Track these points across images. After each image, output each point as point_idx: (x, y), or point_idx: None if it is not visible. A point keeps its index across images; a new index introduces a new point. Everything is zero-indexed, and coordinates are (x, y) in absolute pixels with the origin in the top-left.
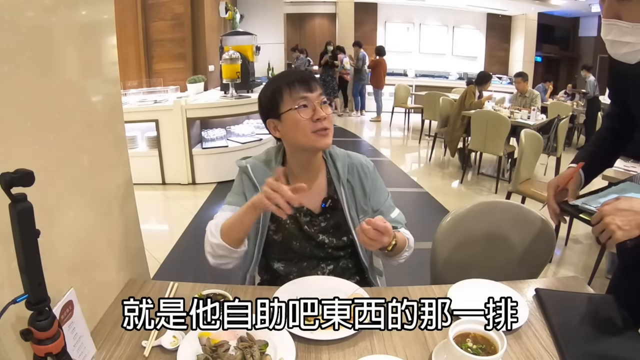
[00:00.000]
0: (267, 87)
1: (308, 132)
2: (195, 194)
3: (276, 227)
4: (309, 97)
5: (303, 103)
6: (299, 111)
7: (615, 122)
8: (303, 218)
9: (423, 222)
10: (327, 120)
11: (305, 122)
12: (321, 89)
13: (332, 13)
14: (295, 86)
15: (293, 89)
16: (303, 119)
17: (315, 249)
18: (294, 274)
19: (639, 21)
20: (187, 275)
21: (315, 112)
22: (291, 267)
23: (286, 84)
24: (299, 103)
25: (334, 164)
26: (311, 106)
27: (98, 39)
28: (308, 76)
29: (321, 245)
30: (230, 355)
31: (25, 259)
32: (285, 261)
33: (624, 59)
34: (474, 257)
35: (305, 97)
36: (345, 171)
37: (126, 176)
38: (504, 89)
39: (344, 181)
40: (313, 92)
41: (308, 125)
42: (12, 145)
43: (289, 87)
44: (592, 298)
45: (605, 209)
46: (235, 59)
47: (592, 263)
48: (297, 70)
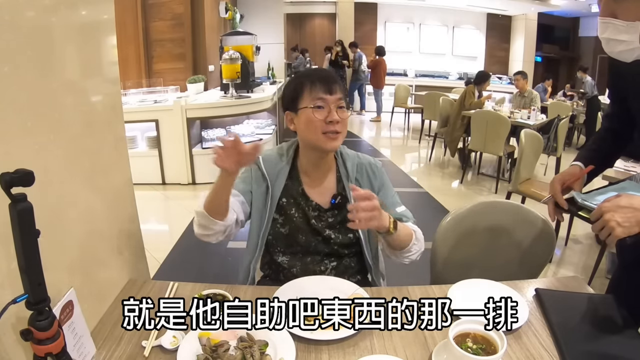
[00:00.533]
0: (293, 80)
1: (318, 132)
2: (195, 194)
3: (284, 219)
4: (327, 99)
5: (319, 104)
6: (314, 111)
7: (614, 123)
8: (312, 212)
9: (423, 222)
10: (341, 124)
11: (318, 122)
12: (343, 93)
13: (332, 13)
14: (317, 85)
15: (314, 88)
16: (316, 119)
17: (321, 244)
18: (297, 267)
19: (634, 20)
20: (187, 275)
21: (330, 114)
22: (295, 261)
23: (309, 81)
24: (315, 103)
25: (344, 163)
26: (327, 108)
27: (98, 39)
28: (332, 78)
29: (327, 240)
30: (230, 355)
31: (25, 259)
32: (290, 255)
33: (620, 57)
34: (474, 257)
35: (323, 99)
36: (354, 170)
37: (126, 176)
38: (504, 89)
39: (352, 180)
40: (332, 94)
41: (320, 126)
42: (12, 145)
43: (310, 86)
44: (592, 298)
45: (605, 205)
46: (235, 59)
47: (592, 263)
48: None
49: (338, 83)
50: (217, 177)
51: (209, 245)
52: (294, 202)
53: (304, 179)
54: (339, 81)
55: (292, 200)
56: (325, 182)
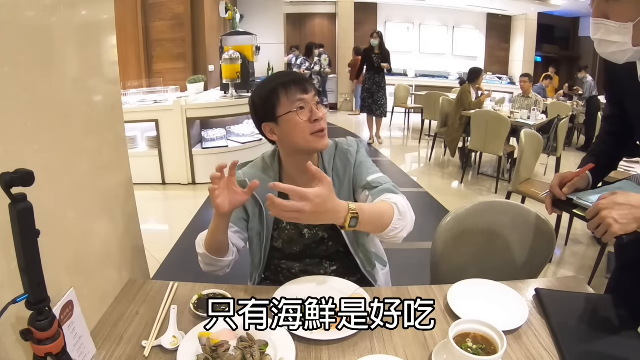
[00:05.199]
0: (261, 90)
1: (307, 134)
2: (195, 194)
3: (278, 233)
4: (306, 98)
5: (300, 105)
6: (298, 113)
7: (614, 125)
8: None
9: (423, 222)
10: (324, 121)
11: (304, 124)
12: (315, 89)
13: (332, 13)
14: (292, 88)
15: (289, 91)
16: (302, 121)
17: (317, 249)
18: (296, 269)
19: (626, 21)
20: (187, 275)
21: (313, 113)
22: (294, 264)
23: (282, 86)
24: (297, 105)
25: (322, 158)
26: (308, 108)
27: (98, 39)
28: (302, 77)
29: (322, 243)
30: (230, 355)
31: (25, 259)
32: (289, 260)
33: (612, 59)
34: (474, 257)
35: (302, 99)
36: (331, 163)
37: (126, 176)
38: (504, 88)
39: (329, 173)
40: (308, 93)
41: (306, 127)
42: (12, 145)
43: (285, 90)
44: (592, 298)
45: (602, 202)
46: (235, 59)
47: (592, 263)
48: (290, 72)
49: (308, 81)
50: (212, 220)
51: None
52: None
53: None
54: (308, 79)
55: None
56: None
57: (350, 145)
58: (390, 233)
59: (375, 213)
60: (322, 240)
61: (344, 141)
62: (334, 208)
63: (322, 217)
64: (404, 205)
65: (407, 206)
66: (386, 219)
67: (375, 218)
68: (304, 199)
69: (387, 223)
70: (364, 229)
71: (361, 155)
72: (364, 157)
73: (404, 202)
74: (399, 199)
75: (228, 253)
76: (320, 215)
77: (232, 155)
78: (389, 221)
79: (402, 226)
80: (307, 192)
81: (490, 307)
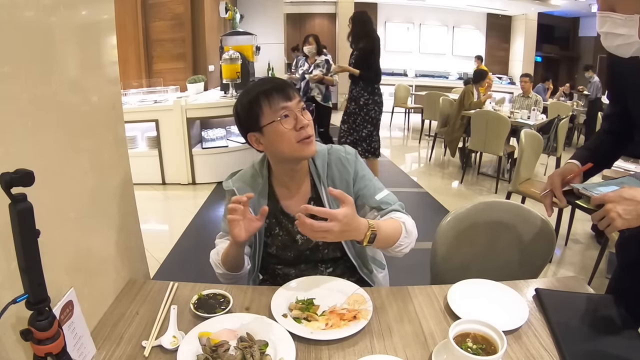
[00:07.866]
0: (243, 99)
1: (293, 142)
2: (195, 194)
3: (271, 240)
4: (289, 105)
5: (285, 113)
6: (282, 122)
7: (614, 124)
8: (295, 228)
9: (423, 222)
10: (310, 127)
11: (289, 132)
12: (298, 94)
13: (332, 13)
14: (274, 96)
15: (272, 99)
16: (287, 130)
17: (312, 254)
18: (293, 274)
19: (632, 13)
20: (187, 275)
21: (298, 120)
22: (290, 269)
23: (264, 95)
24: (280, 114)
25: (314, 163)
26: (292, 115)
27: (98, 39)
28: (284, 83)
29: (315, 248)
30: (230, 355)
31: (25, 259)
32: (284, 265)
33: (617, 52)
34: (474, 257)
35: (286, 107)
36: (325, 168)
37: (126, 176)
38: (504, 89)
39: (324, 179)
40: (292, 100)
41: (292, 136)
42: (12, 145)
43: (268, 98)
44: (592, 298)
45: (609, 195)
46: (235, 59)
47: (592, 263)
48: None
49: (292, 87)
50: (229, 246)
51: (208, 246)
52: (276, 222)
53: (281, 191)
54: (291, 85)
55: (274, 220)
56: (303, 188)
57: (348, 153)
58: (396, 249)
59: (389, 230)
60: (317, 247)
61: (340, 148)
62: (357, 226)
63: (346, 234)
64: (410, 225)
65: (412, 226)
66: (396, 234)
67: (390, 235)
68: (333, 219)
69: (396, 240)
70: (377, 245)
71: (360, 166)
72: (365, 170)
73: (411, 221)
74: (407, 218)
75: (244, 265)
76: (345, 233)
77: (232, 155)
78: (397, 238)
79: (407, 243)
80: (336, 213)
81: (490, 307)
